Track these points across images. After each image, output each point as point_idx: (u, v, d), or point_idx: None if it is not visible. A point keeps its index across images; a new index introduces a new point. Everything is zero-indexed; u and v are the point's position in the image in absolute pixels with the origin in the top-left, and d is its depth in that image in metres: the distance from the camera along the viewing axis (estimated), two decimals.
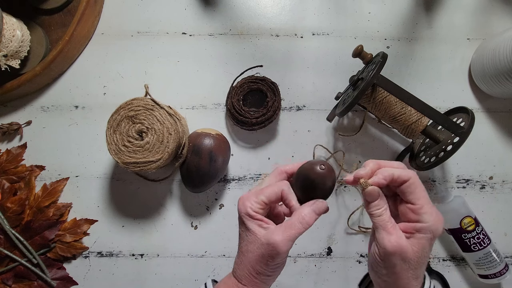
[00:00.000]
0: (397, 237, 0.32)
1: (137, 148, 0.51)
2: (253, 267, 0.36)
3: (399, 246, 0.32)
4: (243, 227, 0.37)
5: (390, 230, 0.33)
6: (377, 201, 0.34)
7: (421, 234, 0.32)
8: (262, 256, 0.35)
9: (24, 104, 0.62)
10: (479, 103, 0.62)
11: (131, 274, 0.59)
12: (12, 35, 0.53)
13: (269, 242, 0.34)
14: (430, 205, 0.33)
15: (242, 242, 0.37)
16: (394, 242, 0.32)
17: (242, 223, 0.37)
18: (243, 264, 0.36)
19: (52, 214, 0.58)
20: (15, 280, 0.57)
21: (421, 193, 0.33)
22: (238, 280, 0.37)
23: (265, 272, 0.36)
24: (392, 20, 0.63)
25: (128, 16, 0.63)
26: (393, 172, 0.33)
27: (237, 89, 0.59)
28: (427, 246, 0.33)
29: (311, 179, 0.35)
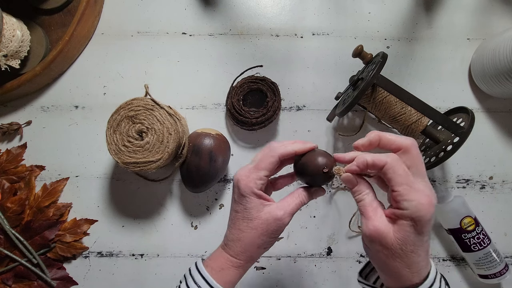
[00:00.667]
0: (375, 222, 0.32)
1: (137, 148, 0.51)
2: (253, 242, 0.37)
3: (375, 231, 0.31)
4: (242, 206, 0.37)
5: (369, 215, 0.32)
6: (356, 187, 0.34)
7: (402, 221, 0.31)
8: (266, 230, 0.36)
9: (24, 104, 0.62)
10: (479, 103, 0.62)
11: (131, 274, 0.59)
12: (12, 35, 0.53)
13: (275, 218, 0.36)
14: (412, 190, 0.30)
15: (240, 219, 0.37)
16: (371, 226, 0.31)
17: (242, 201, 0.37)
18: (241, 241, 0.37)
19: (52, 214, 0.58)
20: (15, 280, 0.57)
21: (399, 179, 0.31)
22: (233, 256, 0.38)
23: (265, 245, 0.38)
24: (392, 20, 0.63)
25: (128, 16, 0.63)
26: (366, 159, 0.33)
27: (237, 89, 0.59)
28: (411, 234, 0.30)
29: (313, 173, 0.37)
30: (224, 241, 0.39)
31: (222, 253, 0.39)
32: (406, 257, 0.31)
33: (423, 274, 0.33)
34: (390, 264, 0.32)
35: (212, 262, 0.39)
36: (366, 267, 0.41)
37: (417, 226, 0.30)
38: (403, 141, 0.32)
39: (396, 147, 0.33)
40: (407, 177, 0.31)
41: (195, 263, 0.40)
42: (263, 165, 0.37)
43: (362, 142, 0.35)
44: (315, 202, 0.60)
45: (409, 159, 0.32)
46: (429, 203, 0.30)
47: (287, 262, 0.60)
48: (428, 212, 0.30)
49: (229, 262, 0.38)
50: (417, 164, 0.32)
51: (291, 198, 0.38)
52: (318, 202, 0.60)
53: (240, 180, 0.37)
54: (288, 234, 0.60)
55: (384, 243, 0.31)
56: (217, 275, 0.37)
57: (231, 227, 0.38)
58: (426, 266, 0.33)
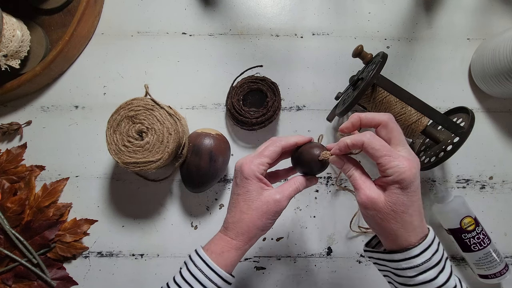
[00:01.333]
0: (366, 190, 0.36)
1: (137, 148, 0.51)
2: (254, 222, 0.39)
3: (367, 198, 0.35)
4: (245, 188, 0.40)
5: (360, 186, 0.36)
6: (345, 165, 0.39)
7: (390, 186, 0.34)
8: (266, 211, 0.39)
9: (24, 104, 0.62)
10: (479, 103, 0.62)
11: (131, 274, 0.59)
12: (12, 35, 0.53)
13: (275, 200, 0.39)
14: (391, 159, 0.34)
15: (242, 201, 0.40)
16: (363, 195, 0.35)
17: (245, 184, 0.40)
18: (242, 222, 0.40)
19: (52, 214, 0.58)
20: (15, 280, 0.57)
21: (378, 153, 0.34)
22: (233, 238, 0.40)
23: (265, 226, 0.40)
24: (392, 20, 0.63)
25: (128, 16, 0.63)
26: (346, 141, 0.37)
27: (237, 89, 0.59)
28: (399, 196, 0.34)
29: (309, 161, 0.41)
30: (224, 225, 0.41)
31: (222, 237, 0.41)
32: (399, 217, 0.34)
33: (420, 235, 0.35)
34: (386, 226, 0.35)
35: (212, 246, 0.40)
36: (371, 241, 0.44)
37: (402, 187, 0.34)
38: (380, 117, 0.37)
39: (376, 123, 0.37)
40: (385, 148, 0.35)
41: (195, 250, 0.41)
42: (266, 153, 0.40)
43: (345, 125, 0.39)
44: (315, 202, 0.60)
45: (388, 132, 0.36)
46: (409, 165, 0.34)
47: (287, 262, 0.60)
48: (410, 173, 0.33)
49: (229, 245, 0.40)
50: (396, 135, 0.36)
51: (288, 184, 0.41)
52: (318, 202, 0.60)
53: (243, 164, 0.40)
54: (288, 234, 0.60)
55: (377, 207, 0.35)
56: (218, 259, 0.39)
57: (232, 210, 0.41)
58: (421, 228, 0.35)
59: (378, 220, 0.35)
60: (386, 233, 0.36)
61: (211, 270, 0.38)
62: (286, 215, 0.60)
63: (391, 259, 0.36)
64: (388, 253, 0.37)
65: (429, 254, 0.34)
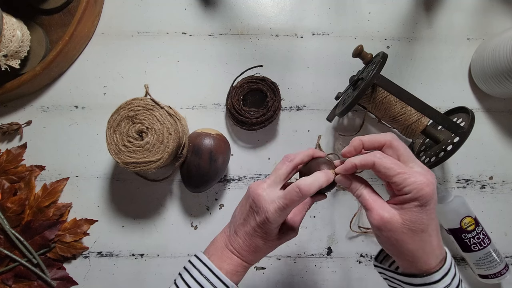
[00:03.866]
0: (378, 210, 0.33)
1: (137, 148, 0.51)
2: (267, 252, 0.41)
3: (380, 219, 0.33)
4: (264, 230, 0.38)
5: (371, 206, 0.34)
6: (352, 185, 0.37)
7: (408, 204, 0.32)
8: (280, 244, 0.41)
9: (24, 104, 0.62)
10: (479, 103, 0.62)
11: (131, 274, 0.59)
12: (12, 35, 0.53)
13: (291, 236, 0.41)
14: (406, 176, 0.32)
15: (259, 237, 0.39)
16: (375, 216, 0.33)
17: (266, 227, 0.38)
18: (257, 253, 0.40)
19: (52, 214, 0.58)
20: (15, 280, 0.57)
21: (391, 172, 0.33)
22: (247, 262, 0.40)
23: None
24: (392, 20, 0.63)
25: (128, 16, 0.63)
26: (354, 162, 0.35)
27: (237, 89, 0.59)
28: (418, 213, 0.32)
29: None
30: (236, 248, 0.40)
31: (233, 258, 0.40)
32: (418, 237, 0.32)
33: (439, 257, 0.34)
34: (403, 247, 0.33)
35: (225, 265, 0.39)
36: (380, 254, 0.42)
37: (422, 205, 0.32)
38: (383, 137, 0.35)
39: (380, 145, 0.36)
40: (398, 166, 0.33)
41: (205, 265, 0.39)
42: (293, 208, 0.37)
43: (348, 150, 0.37)
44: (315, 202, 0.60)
45: (394, 150, 0.35)
46: (426, 180, 0.32)
47: (287, 262, 0.60)
48: (429, 189, 0.32)
49: (242, 267, 0.40)
50: (403, 152, 0.34)
51: (299, 211, 0.41)
52: (318, 202, 0.60)
53: (270, 217, 0.37)
54: None
55: (393, 228, 0.32)
56: (233, 277, 0.39)
57: (246, 241, 0.39)
58: (440, 248, 0.34)
59: (394, 242, 0.33)
60: (404, 255, 0.34)
61: None
62: None
63: (409, 283, 0.34)
64: (405, 275, 0.35)
65: (449, 279, 0.33)
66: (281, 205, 0.36)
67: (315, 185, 0.36)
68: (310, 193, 0.35)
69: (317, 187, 0.36)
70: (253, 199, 0.38)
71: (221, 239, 0.41)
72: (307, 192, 0.35)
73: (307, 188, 0.35)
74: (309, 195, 0.35)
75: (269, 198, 0.37)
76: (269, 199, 0.37)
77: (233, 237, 0.40)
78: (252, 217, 0.38)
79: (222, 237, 0.41)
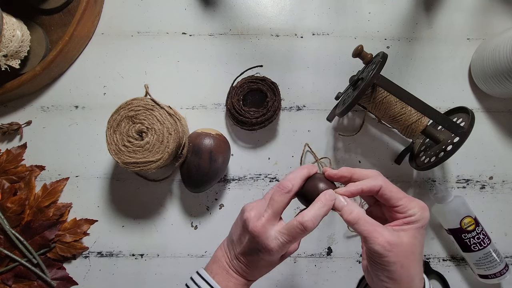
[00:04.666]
0: (384, 235, 0.32)
1: (137, 148, 0.51)
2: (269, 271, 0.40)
3: (387, 243, 0.32)
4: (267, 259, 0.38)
5: (375, 230, 0.33)
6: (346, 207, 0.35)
7: (412, 225, 0.33)
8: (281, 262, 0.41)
9: (24, 104, 0.62)
10: (479, 103, 0.62)
11: (131, 274, 0.59)
12: (12, 35, 0.53)
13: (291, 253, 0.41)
14: (410, 199, 0.34)
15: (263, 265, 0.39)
16: (381, 239, 0.32)
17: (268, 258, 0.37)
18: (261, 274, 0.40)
19: (52, 214, 0.58)
20: (15, 280, 0.57)
21: (397, 194, 0.34)
22: (251, 280, 0.40)
23: None
24: (392, 20, 0.63)
25: (128, 16, 0.63)
26: (361, 187, 0.35)
27: (237, 89, 0.59)
28: (420, 235, 0.34)
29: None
30: (240, 272, 0.39)
31: (238, 278, 0.39)
32: (417, 259, 0.33)
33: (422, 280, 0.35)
34: (405, 272, 0.32)
35: (232, 284, 0.38)
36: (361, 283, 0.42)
37: (422, 226, 0.34)
38: (369, 173, 0.36)
39: (375, 192, 0.36)
40: (400, 190, 0.35)
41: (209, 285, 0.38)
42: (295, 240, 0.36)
43: (333, 172, 0.37)
44: None
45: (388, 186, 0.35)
46: (424, 204, 0.35)
47: (287, 262, 0.60)
48: (428, 212, 0.35)
49: (247, 285, 0.40)
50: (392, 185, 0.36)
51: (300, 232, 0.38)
52: None
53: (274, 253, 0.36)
54: None
55: (399, 252, 0.32)
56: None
57: (249, 266, 0.38)
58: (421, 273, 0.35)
59: (397, 268, 0.32)
60: (403, 281, 0.33)
61: None
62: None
63: None
64: None
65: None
66: (284, 242, 0.35)
67: (319, 218, 0.34)
68: (315, 227, 0.34)
69: (321, 218, 0.35)
70: (253, 236, 0.36)
71: (223, 259, 0.40)
72: (312, 227, 0.34)
73: (311, 224, 0.34)
74: (314, 228, 0.34)
75: (270, 235, 0.36)
76: (270, 237, 0.36)
77: (235, 262, 0.39)
78: (254, 251, 0.37)
79: (224, 257, 0.40)
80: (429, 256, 0.59)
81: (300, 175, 0.38)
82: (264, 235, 0.36)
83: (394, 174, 0.61)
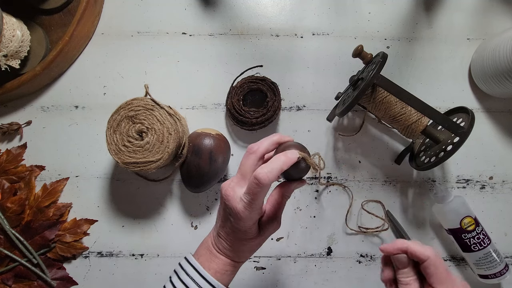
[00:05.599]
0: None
1: (137, 148, 0.51)
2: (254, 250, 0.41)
3: None
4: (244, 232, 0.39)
5: None
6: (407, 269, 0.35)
7: None
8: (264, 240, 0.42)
9: (24, 104, 0.62)
10: (479, 103, 0.62)
11: (131, 274, 0.59)
12: (12, 35, 0.53)
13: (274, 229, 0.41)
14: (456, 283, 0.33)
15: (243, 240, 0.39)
16: None
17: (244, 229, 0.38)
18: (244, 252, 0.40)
19: (52, 214, 0.58)
20: (15, 280, 0.57)
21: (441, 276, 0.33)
22: (237, 261, 0.40)
23: None
24: (392, 20, 0.63)
25: (128, 16, 0.63)
26: (408, 246, 0.34)
27: (237, 89, 0.59)
28: None
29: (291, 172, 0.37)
30: (221, 250, 0.40)
31: (221, 258, 0.40)
32: None
33: None
34: None
35: (214, 265, 0.39)
36: None
37: None
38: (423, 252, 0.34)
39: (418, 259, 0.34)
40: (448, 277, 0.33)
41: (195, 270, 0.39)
42: (261, 200, 0.36)
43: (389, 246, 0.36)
44: (315, 202, 0.60)
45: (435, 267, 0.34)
46: None
47: (287, 262, 0.60)
48: None
49: (231, 265, 0.40)
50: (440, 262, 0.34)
51: (276, 201, 0.40)
52: (318, 202, 0.60)
53: (242, 216, 0.36)
54: (288, 234, 0.60)
55: None
56: (223, 277, 0.39)
57: (229, 242, 0.39)
58: None
59: None
60: None
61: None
62: (286, 215, 0.60)
63: None
64: None
65: None
66: (247, 202, 0.35)
67: (275, 171, 0.33)
68: (270, 180, 0.33)
69: (277, 172, 0.34)
70: (224, 200, 0.37)
71: (208, 240, 0.41)
72: (266, 181, 0.33)
73: (265, 177, 0.33)
74: (270, 182, 0.33)
75: (237, 197, 0.36)
76: (237, 198, 0.36)
77: (217, 239, 0.40)
78: (227, 218, 0.38)
79: (209, 238, 0.41)
80: None
81: (269, 140, 0.38)
82: (233, 197, 0.36)
83: (394, 174, 0.61)
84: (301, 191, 0.61)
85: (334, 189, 0.61)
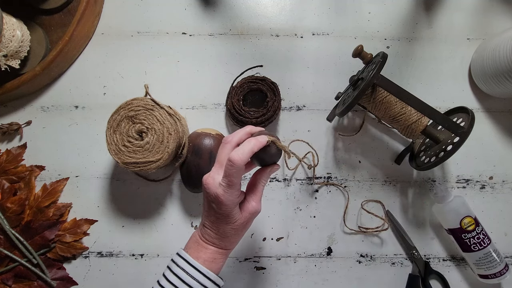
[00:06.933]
0: None
1: (137, 148, 0.51)
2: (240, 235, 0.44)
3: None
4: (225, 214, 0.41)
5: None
6: None
7: None
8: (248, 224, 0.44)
9: (24, 104, 0.62)
10: (479, 103, 0.62)
11: (131, 274, 0.59)
12: (12, 35, 0.53)
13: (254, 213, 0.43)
14: None
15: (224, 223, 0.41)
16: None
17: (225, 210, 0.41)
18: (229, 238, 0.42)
19: (52, 214, 0.58)
20: (15, 280, 0.57)
21: None
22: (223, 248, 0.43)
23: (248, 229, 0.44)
24: (392, 20, 0.63)
25: (128, 16, 0.63)
26: None
27: (237, 89, 0.59)
28: None
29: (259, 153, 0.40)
30: (208, 239, 0.42)
31: (208, 247, 0.42)
32: None
33: None
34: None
35: (202, 254, 0.42)
36: None
37: None
38: None
39: None
40: None
41: (187, 261, 0.42)
42: (237, 181, 0.39)
43: None
44: (315, 202, 0.60)
45: None
46: None
47: (287, 262, 0.60)
48: None
49: (219, 253, 0.43)
50: None
51: (254, 185, 0.43)
52: (318, 202, 0.60)
53: (223, 200, 0.39)
54: (288, 234, 0.60)
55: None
56: (212, 265, 0.42)
57: (214, 230, 0.42)
58: None
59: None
60: None
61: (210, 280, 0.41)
62: (286, 215, 0.60)
63: None
64: None
65: None
66: (225, 184, 0.38)
67: (246, 151, 0.37)
68: (242, 161, 0.37)
69: (249, 152, 0.38)
70: (205, 189, 0.40)
71: (196, 233, 0.44)
72: (239, 161, 0.37)
73: (238, 158, 0.37)
74: (243, 163, 0.37)
75: (216, 183, 0.39)
76: (216, 184, 0.39)
77: (203, 230, 0.43)
78: (211, 206, 0.41)
79: (197, 232, 0.44)
80: (429, 256, 0.59)
81: (242, 131, 0.42)
82: (213, 184, 0.39)
83: (394, 174, 0.61)
84: (301, 191, 0.61)
85: (334, 189, 0.61)
